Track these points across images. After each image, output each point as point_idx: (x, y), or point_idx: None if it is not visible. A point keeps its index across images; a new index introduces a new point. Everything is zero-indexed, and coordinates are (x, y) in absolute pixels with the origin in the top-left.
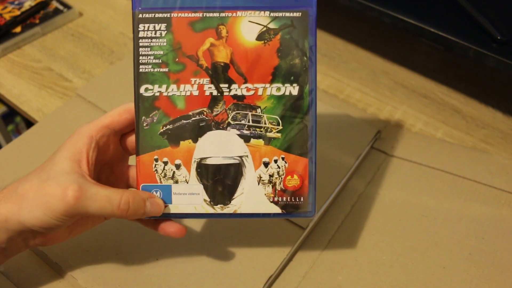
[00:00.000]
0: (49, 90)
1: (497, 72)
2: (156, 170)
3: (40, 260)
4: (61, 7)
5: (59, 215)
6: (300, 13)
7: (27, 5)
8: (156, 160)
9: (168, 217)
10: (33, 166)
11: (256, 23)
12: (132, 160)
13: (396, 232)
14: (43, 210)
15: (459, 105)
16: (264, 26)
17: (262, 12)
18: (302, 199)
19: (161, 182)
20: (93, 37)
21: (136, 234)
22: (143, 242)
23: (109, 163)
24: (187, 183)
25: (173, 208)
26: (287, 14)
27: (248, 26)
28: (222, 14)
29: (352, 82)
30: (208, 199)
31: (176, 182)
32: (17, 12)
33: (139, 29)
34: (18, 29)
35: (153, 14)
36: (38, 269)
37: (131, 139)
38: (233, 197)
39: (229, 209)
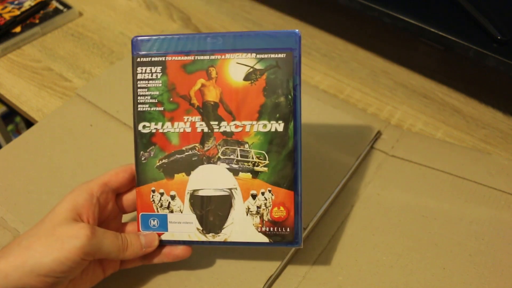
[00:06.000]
0: (49, 90)
1: (497, 72)
2: (153, 200)
3: None
4: (61, 7)
5: (75, 255)
6: (285, 55)
7: (27, 5)
8: (153, 191)
9: (165, 243)
10: (33, 166)
11: (244, 65)
12: (125, 218)
13: (396, 233)
14: (59, 252)
15: (459, 105)
16: (251, 67)
17: (249, 54)
18: (288, 230)
19: (158, 211)
20: (93, 37)
21: None
22: None
23: (106, 220)
24: (181, 212)
25: (169, 236)
26: (273, 56)
27: (236, 67)
28: (212, 57)
29: (352, 82)
30: (201, 228)
31: (172, 211)
32: (17, 12)
33: (138, 71)
34: (18, 29)
35: (150, 58)
36: None
37: (127, 198)
38: (224, 227)
39: (220, 237)
